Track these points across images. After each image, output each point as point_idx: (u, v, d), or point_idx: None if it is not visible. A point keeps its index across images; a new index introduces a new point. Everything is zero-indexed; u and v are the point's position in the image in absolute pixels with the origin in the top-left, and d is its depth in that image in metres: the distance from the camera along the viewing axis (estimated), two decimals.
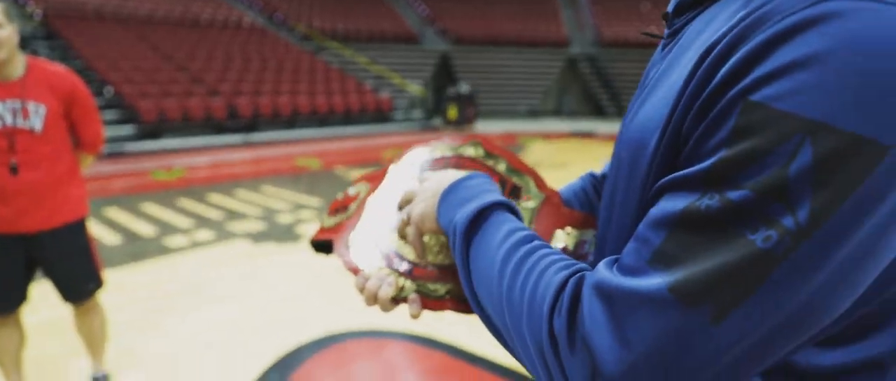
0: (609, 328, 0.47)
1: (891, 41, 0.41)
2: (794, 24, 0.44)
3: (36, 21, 15.61)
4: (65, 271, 2.53)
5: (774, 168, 0.42)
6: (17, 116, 2.34)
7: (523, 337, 0.56)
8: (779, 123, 0.42)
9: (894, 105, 0.41)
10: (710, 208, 0.45)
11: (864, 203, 0.42)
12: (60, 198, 2.45)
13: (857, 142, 0.41)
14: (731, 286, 0.43)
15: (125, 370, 3.01)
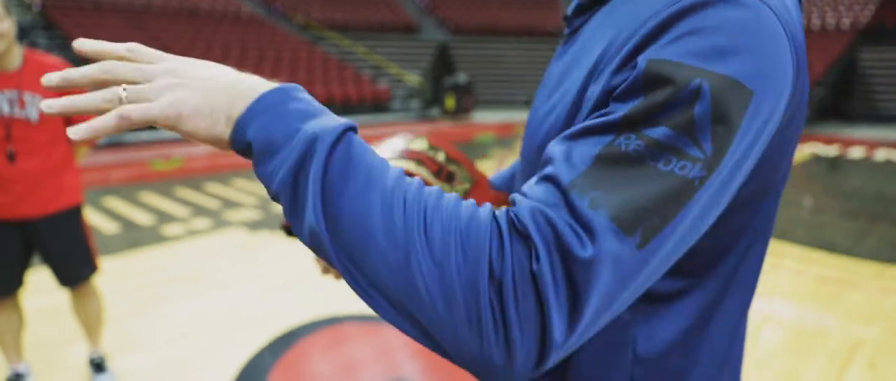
0: None
1: (733, 24, 0.54)
2: (678, 8, 0.55)
3: (34, 11, 15.63)
4: (61, 256, 2.60)
5: (682, 108, 0.51)
6: (13, 106, 2.41)
7: (429, 270, 0.50)
8: (683, 74, 0.52)
9: (751, 62, 0.53)
10: (632, 146, 0.51)
11: (746, 134, 0.53)
12: (56, 185, 2.52)
13: (738, 87, 0.52)
14: (657, 213, 0.50)
15: (123, 354, 3.09)
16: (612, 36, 0.62)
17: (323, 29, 21.17)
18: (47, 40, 14.39)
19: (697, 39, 0.53)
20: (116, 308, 3.58)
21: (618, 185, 0.50)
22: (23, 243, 2.54)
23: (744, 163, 0.55)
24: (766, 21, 0.55)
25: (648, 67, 0.53)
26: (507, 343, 0.49)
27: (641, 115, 0.52)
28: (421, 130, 0.93)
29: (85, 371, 2.90)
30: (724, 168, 0.52)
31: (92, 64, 0.59)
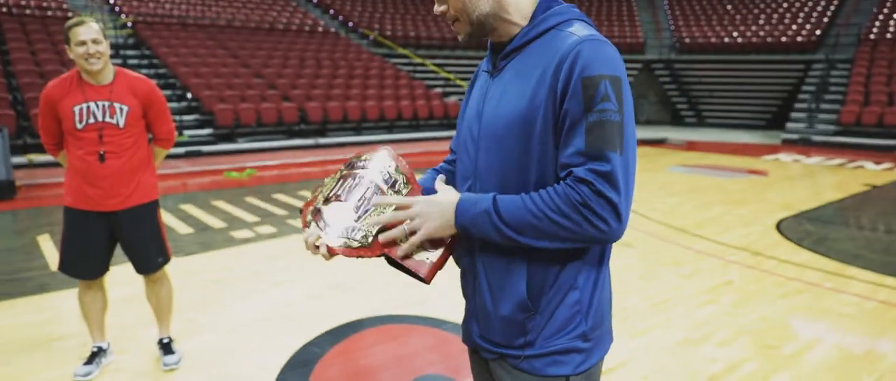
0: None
1: (605, 53, 1.11)
2: (576, 50, 1.11)
3: (127, 30, 16.88)
4: (138, 246, 2.94)
5: (606, 89, 1.07)
6: (105, 113, 2.78)
7: (567, 222, 1.07)
8: (597, 78, 1.08)
9: (608, 65, 1.10)
10: (593, 117, 1.07)
11: (625, 97, 1.10)
12: (136, 183, 2.86)
13: (617, 78, 1.09)
14: (619, 138, 1.08)
15: (188, 338, 3.41)
16: (542, 67, 1.14)
17: (396, 44, 21.76)
18: (138, 59, 15.53)
19: (589, 57, 1.10)
20: (185, 300, 3.93)
21: (600, 136, 1.07)
22: (108, 233, 2.89)
23: (631, 110, 1.12)
24: (608, 45, 1.13)
25: (581, 80, 1.09)
26: (604, 221, 1.06)
27: (589, 101, 1.07)
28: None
29: (155, 351, 3.23)
30: (627, 110, 1.10)
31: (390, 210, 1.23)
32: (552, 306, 1.20)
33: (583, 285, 1.20)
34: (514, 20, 1.22)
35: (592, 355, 1.23)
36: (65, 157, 2.87)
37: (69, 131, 2.76)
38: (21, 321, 3.72)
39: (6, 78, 12.26)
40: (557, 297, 1.19)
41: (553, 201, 1.08)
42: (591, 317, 1.21)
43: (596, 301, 1.22)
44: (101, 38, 2.71)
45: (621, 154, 1.07)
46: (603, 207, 1.05)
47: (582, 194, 1.06)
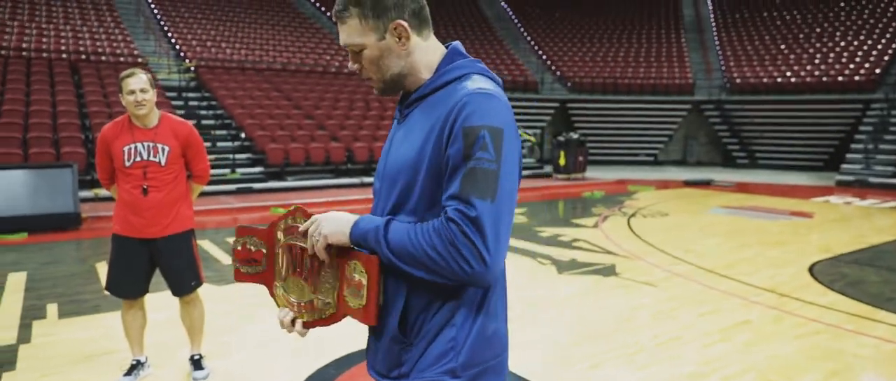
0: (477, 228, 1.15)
1: (490, 105, 1.21)
2: (463, 101, 1.21)
3: (190, 74, 17.96)
4: (174, 270, 3.27)
5: (485, 138, 1.16)
6: (150, 152, 3.15)
7: (430, 249, 1.16)
8: (476, 128, 1.17)
9: (492, 117, 1.19)
10: (470, 164, 1.15)
11: (506, 148, 1.18)
12: (175, 214, 3.21)
13: (498, 129, 1.18)
14: (492, 186, 1.15)
15: (219, 357, 3.72)
16: (435, 117, 1.25)
17: None
18: (198, 99, 16.49)
19: (473, 109, 1.19)
20: (218, 324, 4.26)
21: (473, 183, 1.15)
22: (148, 258, 3.24)
23: (514, 162, 1.21)
24: (498, 98, 1.23)
25: (462, 129, 1.18)
26: (467, 262, 1.13)
27: (468, 149, 1.16)
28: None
29: (187, 368, 3.54)
30: (507, 161, 1.18)
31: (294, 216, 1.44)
32: (426, 341, 1.27)
33: (460, 324, 1.25)
34: (422, 75, 1.34)
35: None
36: (115, 190, 3.25)
37: (119, 168, 3.15)
38: (76, 337, 4.12)
39: (80, 119, 13.25)
40: (432, 332, 1.26)
41: (428, 233, 1.17)
42: (463, 354, 1.25)
43: (473, 340, 1.26)
44: (148, 87, 3.10)
45: (492, 202, 1.14)
46: (468, 249, 1.12)
47: (451, 232, 1.14)
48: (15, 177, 8.87)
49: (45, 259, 6.72)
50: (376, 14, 1.28)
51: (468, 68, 1.32)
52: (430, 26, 1.36)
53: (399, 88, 1.37)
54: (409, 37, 1.30)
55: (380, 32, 1.29)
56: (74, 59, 16.99)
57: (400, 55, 1.31)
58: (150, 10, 23.90)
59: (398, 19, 1.29)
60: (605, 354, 3.88)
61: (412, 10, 1.31)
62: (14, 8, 20.22)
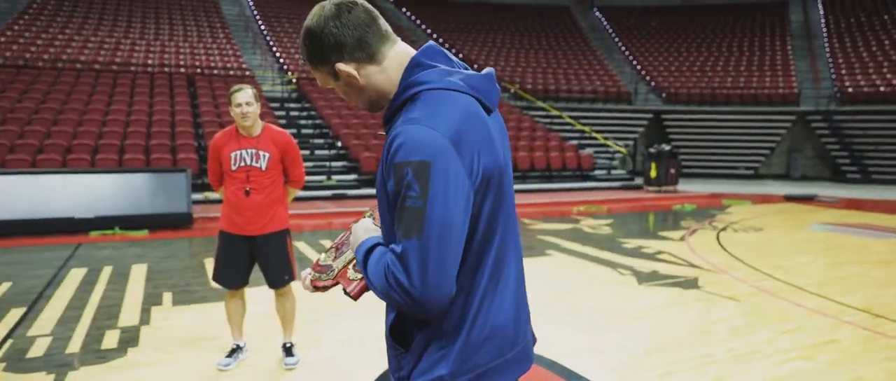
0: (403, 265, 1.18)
1: (415, 137, 1.17)
2: (394, 135, 1.20)
3: (292, 86, 19.02)
4: (270, 265, 3.65)
5: (409, 176, 1.15)
6: (252, 158, 3.54)
7: (383, 285, 1.22)
8: (401, 165, 1.16)
9: (415, 151, 1.15)
10: (402, 202, 1.17)
11: (433, 181, 1.14)
12: (272, 214, 3.59)
13: (423, 163, 1.15)
14: (418, 223, 1.15)
15: (307, 347, 4.07)
16: (384, 152, 1.26)
17: (536, 98, 22.38)
18: (298, 111, 17.43)
19: (399, 147, 1.18)
20: (308, 318, 4.63)
21: (400, 221, 1.18)
22: (248, 253, 3.63)
23: (448, 194, 1.17)
24: (422, 131, 1.18)
25: (393, 166, 1.19)
26: (397, 293, 1.18)
27: (397, 187, 1.18)
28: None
29: (280, 354, 3.91)
30: (433, 197, 1.15)
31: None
32: (419, 350, 1.33)
33: (448, 337, 1.30)
34: (392, 93, 1.35)
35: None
36: (223, 192, 3.67)
37: (226, 172, 3.56)
38: (186, 323, 4.62)
39: (194, 128, 14.39)
40: (423, 341, 1.32)
41: (382, 265, 1.23)
42: (451, 363, 1.30)
43: (460, 350, 1.30)
44: (253, 101, 3.49)
45: (419, 239, 1.15)
46: (396, 284, 1.17)
47: (387, 268, 1.20)
48: (138, 180, 9.84)
49: (162, 254, 7.44)
50: (321, 62, 1.34)
51: (417, 88, 1.29)
52: (385, 42, 1.34)
53: (380, 108, 1.41)
54: (359, 69, 1.32)
55: (334, 75, 1.35)
56: (191, 73, 18.45)
57: (362, 87, 1.35)
58: (258, 26, 25.48)
59: (338, 63, 1.31)
60: (677, 364, 3.91)
61: (351, 47, 1.31)
62: (143, 28, 22.19)
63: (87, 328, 4.51)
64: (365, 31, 1.31)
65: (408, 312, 1.22)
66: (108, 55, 18.85)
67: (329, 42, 1.31)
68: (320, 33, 1.31)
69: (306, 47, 1.35)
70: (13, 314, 4.85)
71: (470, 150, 1.22)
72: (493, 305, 1.34)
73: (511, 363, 1.38)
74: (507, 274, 1.38)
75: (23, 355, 3.97)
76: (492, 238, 1.32)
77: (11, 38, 18.91)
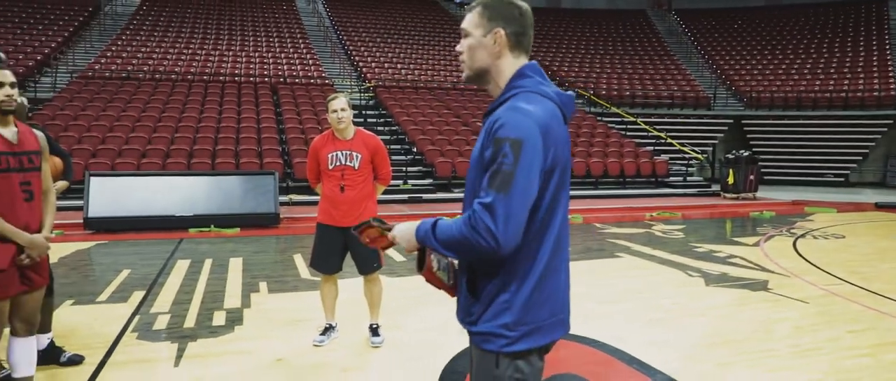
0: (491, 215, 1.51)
1: (515, 121, 1.54)
2: (497, 117, 1.58)
3: (369, 94, 19.78)
4: (361, 253, 4.08)
5: (506, 148, 1.51)
6: (346, 158, 4.00)
7: (460, 234, 1.52)
8: (502, 140, 1.53)
9: (515, 130, 1.53)
10: (494, 166, 1.52)
11: (523, 156, 1.51)
12: (364, 208, 4.03)
13: (518, 140, 1.52)
14: (507, 183, 1.50)
15: (392, 328, 4.49)
16: (485, 129, 1.62)
17: (611, 103, 22.30)
18: (375, 116, 18.12)
19: (504, 123, 1.54)
20: (391, 305, 5.06)
21: (494, 180, 1.51)
22: (342, 242, 4.09)
23: (534, 168, 1.52)
24: (529, 115, 1.54)
25: (494, 139, 1.54)
26: (482, 237, 1.49)
27: (495, 154, 1.52)
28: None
29: (367, 334, 4.35)
30: (523, 166, 1.50)
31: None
32: (487, 300, 1.65)
33: (513, 291, 1.63)
34: (499, 84, 1.72)
35: (517, 343, 1.63)
36: (320, 188, 4.14)
37: (323, 171, 4.04)
38: (282, 307, 5.17)
39: (279, 134, 15.29)
40: (492, 293, 1.64)
41: (460, 222, 1.54)
42: (513, 314, 1.63)
43: (522, 304, 1.63)
44: (347, 107, 3.96)
45: (506, 194, 1.48)
46: (484, 226, 1.48)
47: (474, 218, 1.50)
48: (231, 182, 10.65)
49: (254, 249, 8.11)
50: (489, 17, 1.69)
51: (518, 89, 1.67)
52: (525, 53, 1.74)
53: (480, 83, 1.76)
54: (501, 45, 1.69)
55: (484, 30, 1.70)
56: (274, 81, 19.52)
57: (490, 55, 1.70)
58: (337, 36, 26.54)
59: (502, 29, 1.68)
60: (736, 356, 4.09)
61: (515, 31, 1.69)
62: (230, 40, 23.59)
63: (198, 309, 5.11)
64: (527, 30, 1.72)
65: (482, 254, 1.51)
66: (199, 66, 20.20)
67: (512, 14, 1.70)
68: (512, 4, 1.70)
69: (488, 6, 1.71)
70: (136, 295, 5.53)
71: (551, 141, 1.59)
72: (553, 275, 1.68)
73: (557, 325, 1.71)
74: (564, 256, 1.72)
75: (150, 327, 4.59)
76: (554, 215, 1.66)
77: (116, 53, 20.56)
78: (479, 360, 1.71)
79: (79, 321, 4.77)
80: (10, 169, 2.87)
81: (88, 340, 4.30)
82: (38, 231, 2.97)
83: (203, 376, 3.70)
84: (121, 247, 8.26)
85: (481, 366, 1.70)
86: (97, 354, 4.02)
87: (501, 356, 1.65)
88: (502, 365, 1.66)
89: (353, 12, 29.43)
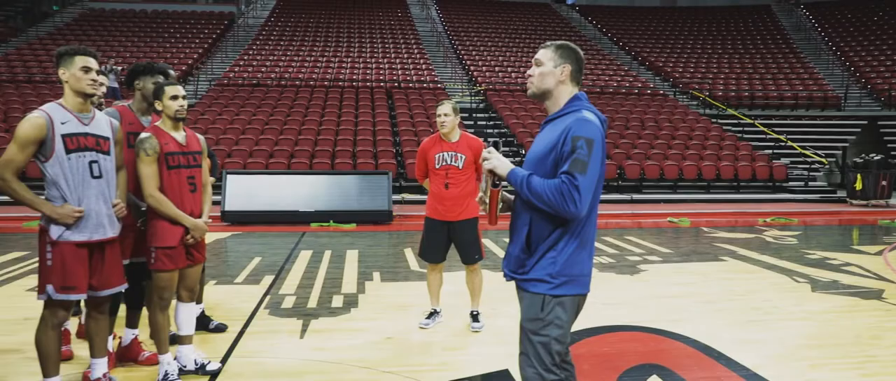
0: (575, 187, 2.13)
1: (588, 127, 2.19)
2: (571, 124, 2.21)
3: (480, 97, 20.25)
4: (464, 245, 4.49)
5: (582, 143, 2.15)
6: (451, 159, 4.42)
7: (551, 193, 2.13)
8: (578, 137, 2.17)
9: (588, 132, 2.17)
10: (574, 155, 2.14)
11: (594, 150, 2.16)
12: (466, 204, 4.43)
13: (591, 139, 2.16)
14: (583, 167, 2.13)
15: (491, 315, 4.86)
16: (558, 131, 2.24)
17: (725, 105, 21.47)
18: (485, 118, 18.55)
19: (578, 127, 2.17)
20: (492, 296, 5.43)
21: (575, 164, 2.13)
22: (447, 235, 4.52)
23: (599, 162, 2.18)
24: (595, 126, 2.20)
25: (571, 138, 2.16)
26: (567, 203, 2.12)
27: (573, 148, 2.15)
28: None
29: (468, 321, 4.75)
30: (594, 157, 2.15)
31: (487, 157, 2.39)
32: (539, 255, 2.26)
33: (560, 250, 2.24)
34: (558, 103, 2.35)
35: (559, 288, 2.23)
36: (428, 184, 4.59)
37: (430, 170, 4.48)
38: (392, 293, 5.71)
39: (393, 136, 16.11)
40: (543, 250, 2.25)
41: (551, 185, 2.13)
42: (557, 266, 2.24)
43: (564, 261, 2.24)
44: (451, 113, 4.39)
45: (584, 176, 2.10)
46: (569, 197, 2.09)
47: (562, 188, 2.10)
48: (349, 181, 11.47)
49: (369, 243, 8.77)
50: (560, 55, 2.34)
51: (578, 107, 2.29)
52: (578, 85, 2.36)
53: (541, 100, 2.40)
54: (566, 76, 2.33)
55: (555, 63, 2.33)
56: (389, 86, 20.48)
57: (556, 81, 2.33)
58: (449, 41, 27.30)
59: (567, 66, 2.32)
60: (832, 359, 4.10)
61: (575, 69, 2.34)
62: (348, 47, 24.95)
63: (320, 292, 5.74)
64: (582, 69, 2.39)
65: (560, 214, 2.13)
66: (321, 73, 21.57)
67: (575, 57, 2.35)
68: (575, 50, 2.36)
69: (560, 48, 2.35)
70: (267, 279, 6.28)
71: (604, 145, 2.22)
72: (588, 244, 2.31)
73: (584, 282, 2.31)
74: (594, 233, 2.35)
75: (278, 306, 5.26)
76: (596, 201, 2.27)
77: (247, 62, 22.39)
78: (528, 302, 2.31)
79: (221, 297, 5.53)
80: (181, 166, 3.52)
81: (229, 313, 5.01)
82: (199, 217, 3.60)
83: (323, 347, 4.26)
84: (252, 238, 9.20)
85: (530, 307, 2.30)
86: (237, 324, 4.70)
87: (546, 298, 2.26)
88: (546, 307, 2.26)
89: (465, 17, 30.13)
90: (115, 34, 24.56)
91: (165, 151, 3.46)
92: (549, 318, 2.26)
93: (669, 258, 7.81)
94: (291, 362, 3.99)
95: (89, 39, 23.50)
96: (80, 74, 3.10)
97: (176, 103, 3.47)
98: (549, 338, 2.27)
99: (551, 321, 2.26)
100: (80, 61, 3.11)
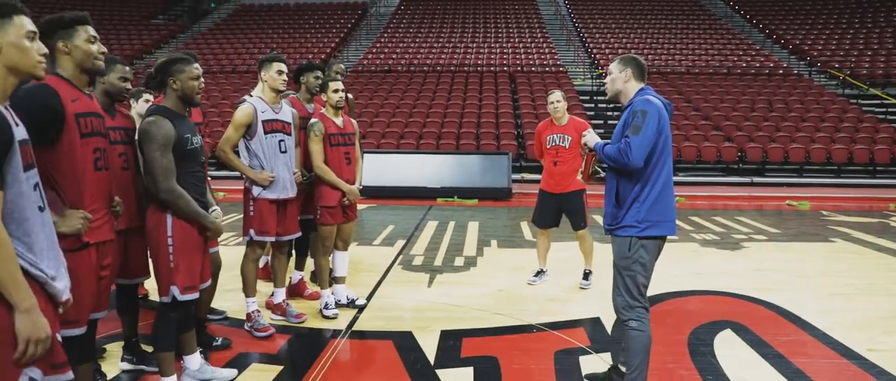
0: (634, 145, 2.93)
1: (646, 104, 3.02)
2: (636, 102, 3.07)
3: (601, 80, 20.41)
4: (571, 213, 5.26)
5: (639, 114, 2.97)
6: (560, 140, 5.17)
7: (614, 152, 2.97)
8: (637, 110, 2.99)
9: (643, 106, 3.01)
10: (632, 122, 2.97)
11: (648, 119, 2.97)
12: (571, 179, 5.15)
13: (645, 111, 2.97)
14: (639, 131, 2.93)
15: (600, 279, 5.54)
16: (628, 112, 3.07)
17: (867, 84, 20.15)
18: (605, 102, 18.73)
19: (638, 105, 3.01)
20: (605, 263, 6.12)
21: (633, 128, 2.94)
22: (556, 205, 5.30)
23: (653, 126, 2.93)
24: (652, 102, 3.02)
25: (632, 111, 3.01)
26: (626, 157, 2.92)
27: (633, 117, 2.98)
28: None
29: (578, 280, 5.50)
30: (647, 124, 2.93)
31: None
32: (626, 207, 2.98)
33: (643, 200, 2.95)
34: (628, 96, 3.10)
35: (644, 231, 2.93)
36: (544, 160, 5.37)
37: (544, 149, 5.27)
38: (507, 257, 6.61)
39: (514, 118, 16.87)
40: (629, 201, 2.97)
41: (616, 147, 2.90)
42: (642, 213, 2.94)
43: (647, 208, 2.94)
44: (561, 100, 5.13)
45: (637, 136, 2.83)
46: (624, 151, 2.85)
47: (623, 147, 2.86)
48: (472, 160, 12.42)
49: (488, 216, 9.67)
50: (622, 64, 3.12)
51: (643, 94, 3.04)
52: (644, 79, 3.12)
53: (617, 99, 3.19)
54: (629, 77, 3.10)
55: (620, 69, 3.11)
56: (512, 70, 21.21)
57: (622, 82, 3.12)
58: (573, 24, 27.47)
59: (628, 70, 3.09)
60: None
61: (637, 70, 3.09)
62: (473, 32, 25.89)
63: (444, 254, 6.72)
64: (643, 71, 3.14)
65: (622, 165, 2.88)
66: (447, 58, 22.68)
67: (637, 64, 3.10)
68: (635, 58, 3.12)
69: (622, 59, 3.13)
70: (399, 242, 7.39)
71: (662, 118, 2.94)
72: (666, 195, 2.99)
73: (668, 224, 3.01)
74: (671, 184, 3.02)
75: (410, 263, 6.31)
76: (665, 160, 2.95)
77: (379, 49, 23.96)
78: (618, 245, 3.04)
79: (362, 255, 6.66)
80: (339, 144, 4.54)
81: (370, 266, 6.10)
82: (352, 184, 4.61)
83: (447, 293, 5.22)
84: (385, 209, 10.41)
85: (620, 248, 3.02)
86: (376, 275, 5.76)
87: (632, 240, 2.95)
88: (633, 248, 2.97)
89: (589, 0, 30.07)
90: (263, 27, 27.10)
91: (328, 132, 4.48)
92: (634, 256, 2.97)
93: (775, 238, 8.03)
94: (420, 303, 4.98)
95: (242, 33, 26.19)
96: (275, 75, 4.18)
97: (336, 95, 4.49)
98: (635, 273, 3.00)
99: (636, 259, 2.97)
100: (276, 66, 4.18)
